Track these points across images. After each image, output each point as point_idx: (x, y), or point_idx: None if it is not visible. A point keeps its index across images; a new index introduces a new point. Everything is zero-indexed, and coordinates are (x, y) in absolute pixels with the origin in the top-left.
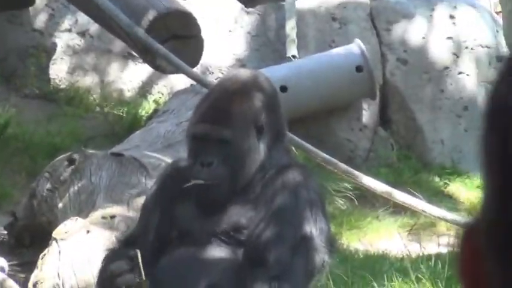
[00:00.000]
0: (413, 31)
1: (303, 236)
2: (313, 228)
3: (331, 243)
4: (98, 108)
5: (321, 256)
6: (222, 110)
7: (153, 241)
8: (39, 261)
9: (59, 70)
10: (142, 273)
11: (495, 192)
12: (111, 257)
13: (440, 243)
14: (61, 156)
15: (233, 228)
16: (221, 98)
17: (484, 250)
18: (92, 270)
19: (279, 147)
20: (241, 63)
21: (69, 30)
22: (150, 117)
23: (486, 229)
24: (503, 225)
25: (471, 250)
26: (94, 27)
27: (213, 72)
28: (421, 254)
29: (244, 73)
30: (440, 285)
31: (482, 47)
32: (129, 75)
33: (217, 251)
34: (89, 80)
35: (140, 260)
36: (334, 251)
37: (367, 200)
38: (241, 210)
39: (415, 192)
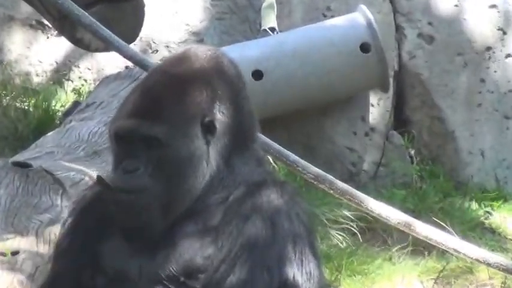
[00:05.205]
0: None
1: (284, 284)
2: (297, 273)
3: None
4: None
5: None
6: (154, 100)
7: None
8: None
9: None
10: None
11: None
12: None
13: None
14: None
15: (185, 272)
16: (157, 85)
17: None
18: None
19: (246, 156)
20: (198, 37)
21: None
22: (67, 113)
23: None
24: None
25: None
26: None
27: (157, 50)
28: None
29: (199, 52)
30: None
31: None
32: (39, 53)
33: None
34: None
35: None
36: None
37: (376, 235)
38: (196, 246)
39: (444, 224)
